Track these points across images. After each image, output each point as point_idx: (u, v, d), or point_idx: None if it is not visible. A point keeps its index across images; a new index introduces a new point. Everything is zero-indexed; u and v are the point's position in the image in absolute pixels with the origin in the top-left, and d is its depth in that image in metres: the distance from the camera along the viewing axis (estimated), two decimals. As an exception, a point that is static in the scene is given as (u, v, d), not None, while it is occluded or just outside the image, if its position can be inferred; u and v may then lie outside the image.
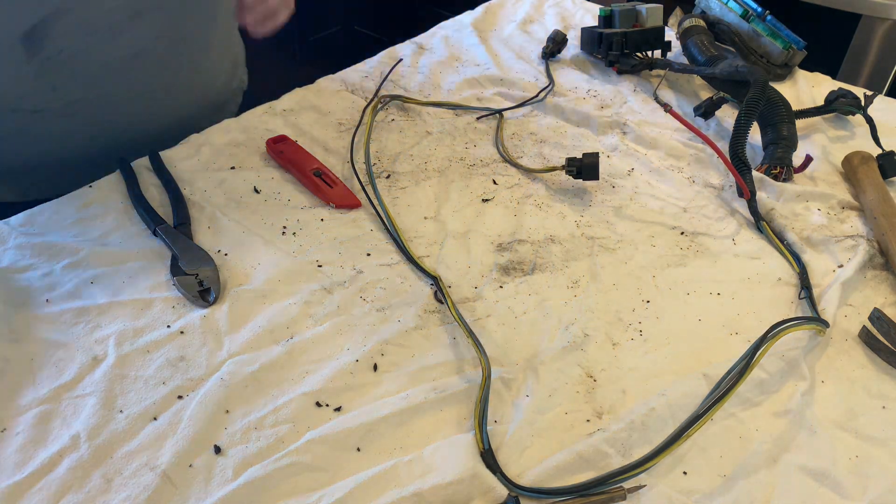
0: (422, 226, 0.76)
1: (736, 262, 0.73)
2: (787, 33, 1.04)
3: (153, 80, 0.79)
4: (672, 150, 0.88)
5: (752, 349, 0.56)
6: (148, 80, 0.78)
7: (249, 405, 0.56)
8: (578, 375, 0.60)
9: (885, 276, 0.72)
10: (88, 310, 0.63)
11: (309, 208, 0.77)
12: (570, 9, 1.24)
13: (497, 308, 0.66)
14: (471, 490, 0.50)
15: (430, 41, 1.12)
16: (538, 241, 0.74)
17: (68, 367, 0.58)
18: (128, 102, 0.78)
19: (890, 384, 0.61)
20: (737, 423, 0.57)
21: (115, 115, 0.79)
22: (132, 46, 0.74)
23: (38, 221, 0.72)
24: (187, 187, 0.78)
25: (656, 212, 0.79)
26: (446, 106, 0.96)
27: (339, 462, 0.52)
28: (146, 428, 0.54)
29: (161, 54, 0.77)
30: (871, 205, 0.78)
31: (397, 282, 0.68)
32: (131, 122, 0.81)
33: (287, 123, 0.90)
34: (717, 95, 0.92)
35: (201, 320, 0.63)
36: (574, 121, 0.95)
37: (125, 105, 0.78)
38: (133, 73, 0.76)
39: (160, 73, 0.79)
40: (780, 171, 0.83)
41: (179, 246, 0.69)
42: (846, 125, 0.95)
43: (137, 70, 0.76)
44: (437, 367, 0.60)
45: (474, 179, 0.83)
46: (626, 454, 0.54)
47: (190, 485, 0.51)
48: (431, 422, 0.56)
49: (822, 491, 0.52)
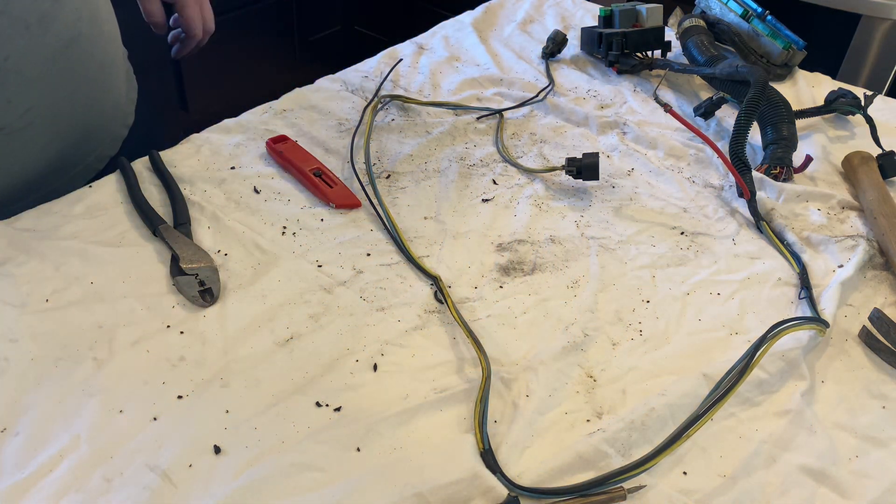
0: (422, 226, 0.76)
1: (736, 262, 0.73)
2: (787, 33, 1.04)
3: (89, 65, 0.79)
4: (672, 150, 0.88)
5: (752, 349, 0.56)
6: (85, 63, 0.78)
7: (249, 405, 0.56)
8: (578, 375, 0.60)
9: (885, 276, 0.72)
10: (88, 310, 0.63)
11: (309, 208, 0.77)
12: (570, 9, 1.24)
13: (497, 308, 0.66)
14: (471, 490, 0.50)
15: (430, 41, 1.12)
16: (538, 241, 0.74)
17: (68, 367, 0.58)
18: (75, 94, 0.78)
19: (890, 384, 0.61)
20: (737, 423, 0.57)
21: (67, 110, 0.78)
22: (63, 34, 0.73)
23: (38, 221, 0.72)
24: (187, 187, 0.78)
25: (656, 212, 0.79)
26: (446, 106, 0.96)
27: (339, 462, 0.52)
28: (146, 428, 0.54)
29: (88, 35, 0.77)
30: (871, 205, 0.78)
31: (397, 282, 0.68)
32: (83, 115, 0.80)
33: (287, 123, 0.90)
34: (717, 95, 0.92)
35: (201, 320, 0.63)
36: (574, 121, 0.95)
37: (74, 97, 0.78)
38: (72, 61, 0.76)
39: (92, 53, 0.79)
40: (780, 171, 0.83)
41: (179, 246, 0.69)
42: (846, 125, 0.95)
43: (74, 57, 0.76)
44: (437, 367, 0.60)
45: (474, 179, 0.83)
46: (626, 454, 0.54)
47: (190, 485, 0.51)
48: (431, 422, 0.56)
49: (822, 491, 0.52)
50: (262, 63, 2.21)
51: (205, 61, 2.05)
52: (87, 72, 0.79)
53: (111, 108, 0.86)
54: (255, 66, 2.20)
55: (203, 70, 2.06)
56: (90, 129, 0.82)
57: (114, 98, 0.86)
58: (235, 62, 2.14)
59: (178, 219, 0.73)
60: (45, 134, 0.76)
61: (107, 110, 0.85)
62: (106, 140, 0.86)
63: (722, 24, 1.07)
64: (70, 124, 0.79)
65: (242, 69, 2.16)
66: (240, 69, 2.15)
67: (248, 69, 2.17)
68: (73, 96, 0.77)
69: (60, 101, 0.76)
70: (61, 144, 0.79)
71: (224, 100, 2.10)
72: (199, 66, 2.04)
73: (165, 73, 1.99)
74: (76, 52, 0.76)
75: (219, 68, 2.10)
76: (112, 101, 0.86)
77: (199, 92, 2.07)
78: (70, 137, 0.79)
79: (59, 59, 0.73)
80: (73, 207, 0.74)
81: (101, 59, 0.81)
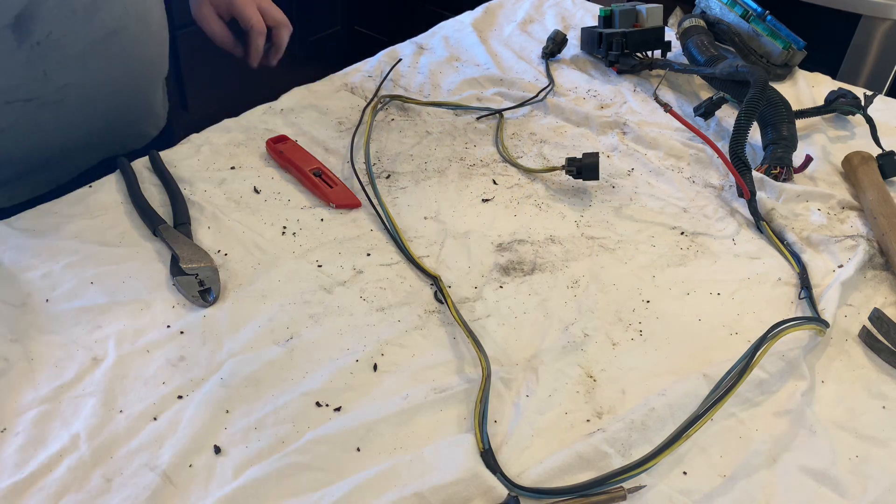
0: (422, 226, 0.76)
1: (736, 262, 0.73)
2: (787, 33, 1.04)
3: (130, 56, 0.81)
4: (672, 150, 0.88)
5: (752, 349, 0.56)
6: (126, 56, 0.81)
7: (249, 405, 0.56)
8: (578, 375, 0.60)
9: (885, 276, 0.72)
10: (88, 310, 0.63)
11: (309, 208, 0.77)
12: (570, 9, 1.24)
13: (497, 308, 0.66)
14: (471, 490, 0.50)
15: (430, 41, 1.12)
16: (538, 241, 0.74)
17: (68, 367, 0.58)
18: (112, 82, 0.80)
19: (890, 384, 0.61)
20: (737, 423, 0.57)
21: (102, 95, 0.80)
22: (108, 23, 0.76)
23: (37, 221, 0.72)
24: (187, 187, 0.78)
25: (656, 212, 0.79)
26: (446, 106, 0.96)
27: (339, 462, 0.52)
28: (146, 428, 0.54)
29: (133, 31, 0.80)
30: (871, 205, 0.78)
31: (397, 282, 0.68)
32: (117, 102, 0.83)
33: (287, 123, 0.90)
34: (717, 95, 0.92)
35: (201, 320, 0.63)
36: (574, 121, 0.95)
37: (110, 84, 0.80)
38: (113, 50, 0.78)
39: (134, 49, 0.82)
40: (780, 171, 0.83)
41: (179, 246, 0.69)
42: (846, 125, 0.95)
43: (116, 47, 0.78)
44: (437, 367, 0.60)
45: (474, 179, 0.83)
46: (626, 454, 0.54)
47: (190, 485, 0.51)
48: (431, 422, 0.56)
49: (822, 491, 0.52)
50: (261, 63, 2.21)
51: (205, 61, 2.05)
52: (128, 63, 0.81)
53: (145, 103, 0.89)
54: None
55: (203, 70, 2.06)
56: (121, 118, 0.85)
57: (149, 96, 0.89)
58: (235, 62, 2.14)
59: (178, 219, 0.72)
60: (77, 112, 0.78)
61: (140, 105, 0.88)
62: (133, 134, 0.89)
63: (722, 24, 1.07)
64: (102, 108, 0.81)
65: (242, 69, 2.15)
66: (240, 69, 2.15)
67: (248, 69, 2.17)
68: (110, 83, 0.80)
69: (96, 84, 0.78)
70: (91, 127, 0.81)
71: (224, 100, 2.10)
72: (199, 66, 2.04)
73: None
74: (119, 42, 0.78)
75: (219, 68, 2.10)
76: (147, 98, 0.89)
77: (199, 92, 2.07)
78: (100, 121, 0.82)
79: (99, 46, 0.76)
80: (73, 207, 0.74)
81: (142, 56, 0.83)
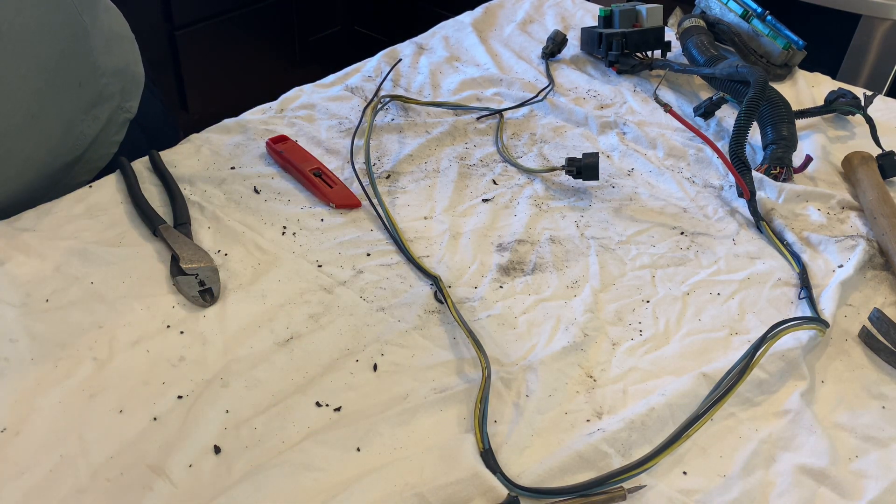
0: (422, 226, 0.76)
1: (736, 262, 0.73)
2: (787, 33, 1.04)
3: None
4: (672, 150, 0.88)
5: (752, 349, 0.56)
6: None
7: (249, 405, 0.56)
8: (578, 375, 0.60)
9: (885, 276, 0.72)
10: (88, 310, 0.63)
11: (309, 208, 0.77)
12: (570, 9, 1.24)
13: (497, 308, 0.66)
14: (471, 490, 0.50)
15: (430, 41, 1.12)
16: (538, 241, 0.74)
17: (68, 367, 0.58)
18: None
19: (890, 384, 0.61)
20: (737, 423, 0.57)
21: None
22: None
23: (37, 221, 0.71)
24: (187, 187, 0.78)
25: (656, 212, 0.79)
26: (446, 106, 0.96)
27: (339, 462, 0.52)
28: (146, 428, 0.54)
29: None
30: (871, 205, 0.78)
31: (397, 282, 0.68)
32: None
33: (287, 123, 0.90)
34: (717, 95, 0.92)
35: (201, 320, 0.63)
36: (574, 121, 0.95)
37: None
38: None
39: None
40: (780, 171, 0.83)
41: (179, 246, 0.69)
42: (846, 125, 0.95)
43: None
44: (437, 367, 0.60)
45: (474, 179, 0.83)
46: (626, 454, 0.54)
47: (190, 485, 0.51)
48: (431, 422, 0.56)
49: (822, 491, 0.52)
50: (262, 63, 2.21)
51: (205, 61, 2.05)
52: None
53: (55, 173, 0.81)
54: (255, 66, 2.20)
55: (203, 70, 2.06)
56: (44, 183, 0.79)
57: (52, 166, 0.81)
58: (235, 62, 2.14)
59: (178, 219, 0.73)
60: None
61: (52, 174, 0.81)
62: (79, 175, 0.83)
63: (722, 24, 1.07)
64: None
65: (242, 69, 2.16)
66: (240, 69, 2.15)
67: (248, 69, 2.17)
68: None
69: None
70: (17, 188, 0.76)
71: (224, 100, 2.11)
72: (199, 66, 2.04)
73: (165, 73, 1.99)
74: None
75: (219, 68, 2.10)
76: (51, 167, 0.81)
77: (199, 92, 2.07)
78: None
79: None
80: (73, 207, 0.74)
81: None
